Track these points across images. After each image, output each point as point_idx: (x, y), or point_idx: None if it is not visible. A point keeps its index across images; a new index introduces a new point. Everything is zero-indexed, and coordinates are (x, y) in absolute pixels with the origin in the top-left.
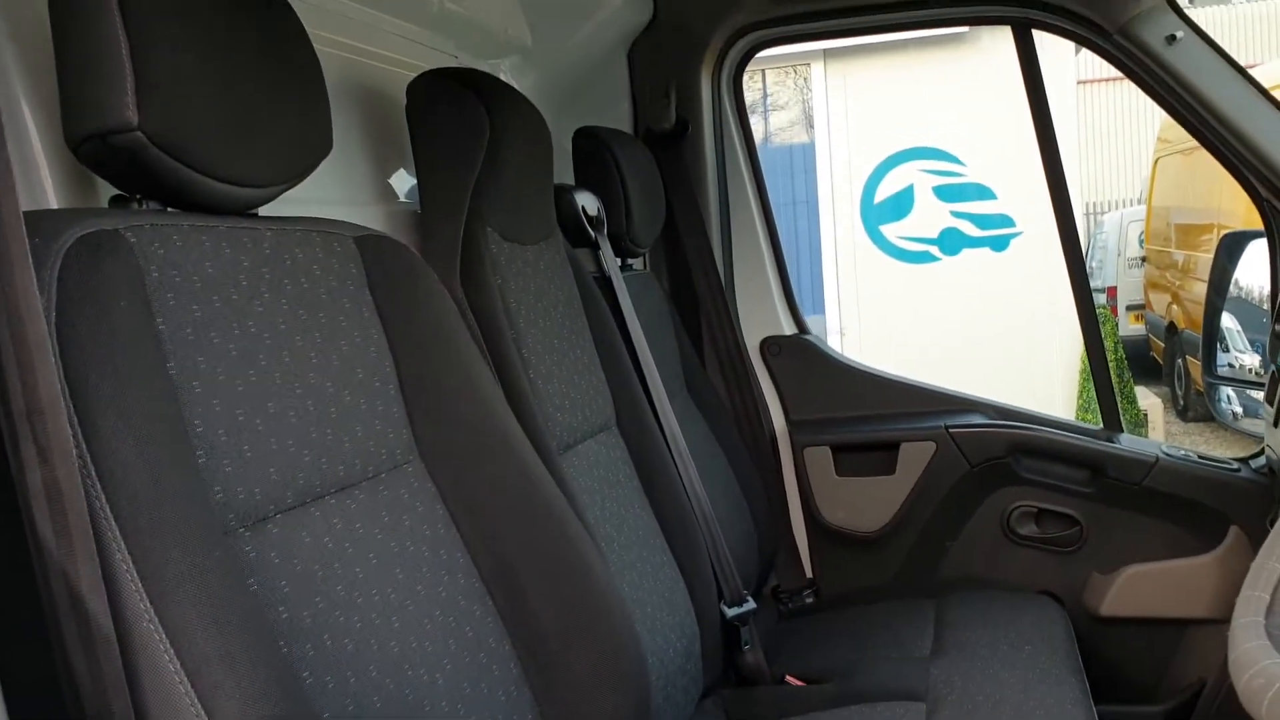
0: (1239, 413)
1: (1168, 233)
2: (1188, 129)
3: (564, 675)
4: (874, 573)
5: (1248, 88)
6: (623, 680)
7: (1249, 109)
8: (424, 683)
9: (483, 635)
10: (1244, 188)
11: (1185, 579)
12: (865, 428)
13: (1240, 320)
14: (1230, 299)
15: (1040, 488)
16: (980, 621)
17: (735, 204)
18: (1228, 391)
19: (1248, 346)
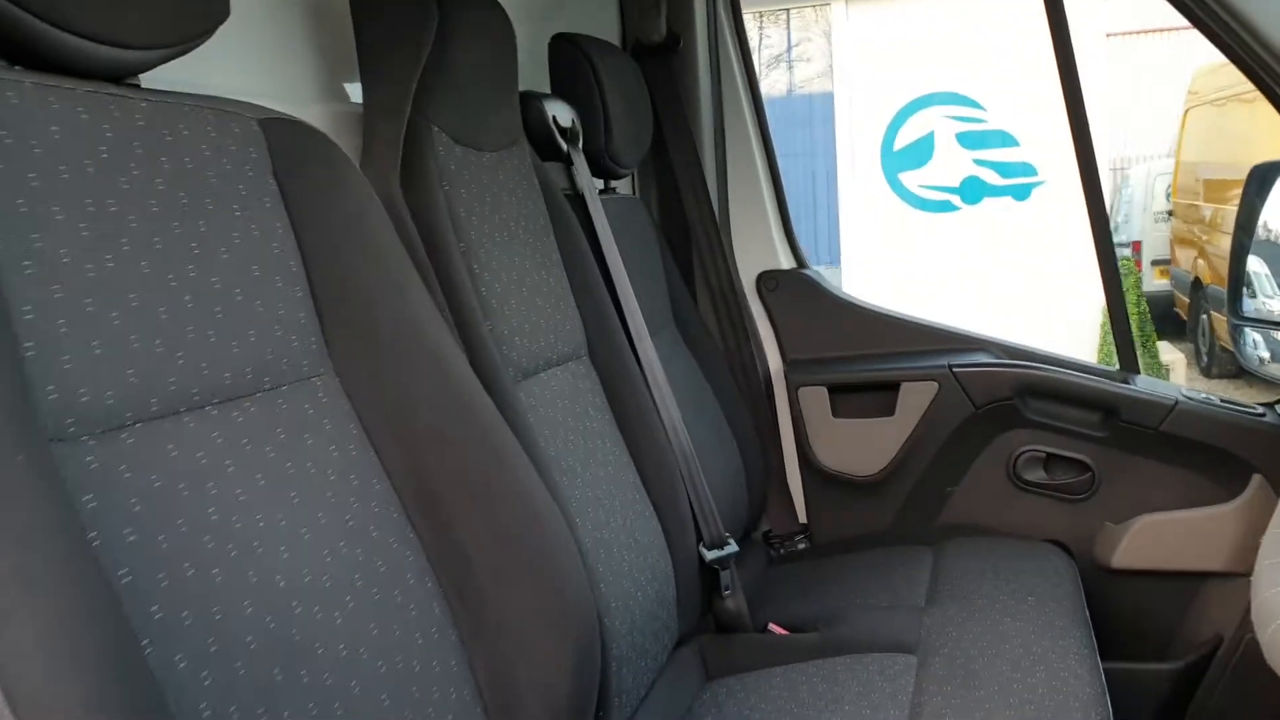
0: (1265, 358)
1: (1196, 187)
2: (1230, 57)
3: (496, 616)
4: (870, 519)
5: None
6: (565, 622)
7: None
8: (317, 621)
9: (399, 570)
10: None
11: (1203, 530)
12: (864, 367)
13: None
14: (1258, 241)
15: (1049, 431)
16: (980, 571)
17: (731, 127)
18: (1254, 336)
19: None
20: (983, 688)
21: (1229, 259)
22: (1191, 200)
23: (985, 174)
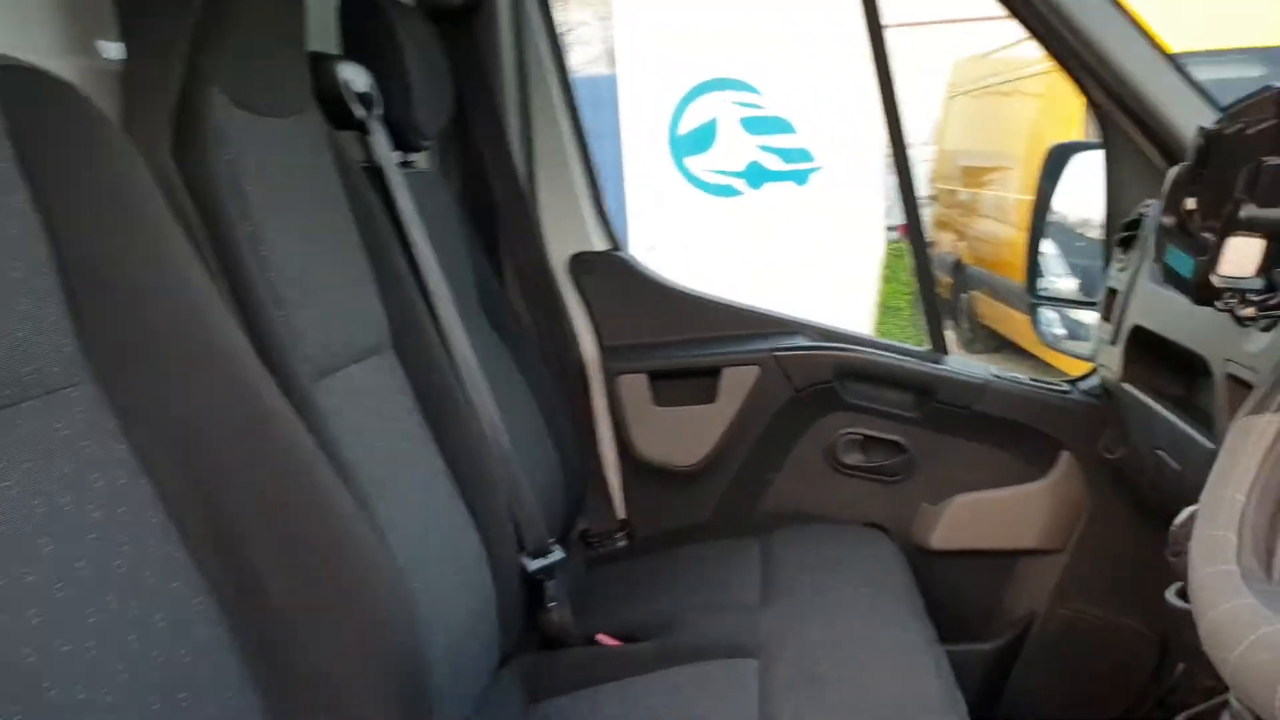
0: (1061, 334)
1: (955, 173)
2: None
3: (307, 665)
4: (692, 510)
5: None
6: (387, 663)
7: (1095, 12)
8: (79, 705)
9: (184, 623)
10: (1083, 93)
11: (1016, 508)
12: (685, 352)
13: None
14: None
15: (867, 414)
16: (811, 562)
17: (537, 99)
18: (1049, 314)
19: (1065, 270)
20: (833, 692)
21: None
22: (951, 186)
23: (768, 159)
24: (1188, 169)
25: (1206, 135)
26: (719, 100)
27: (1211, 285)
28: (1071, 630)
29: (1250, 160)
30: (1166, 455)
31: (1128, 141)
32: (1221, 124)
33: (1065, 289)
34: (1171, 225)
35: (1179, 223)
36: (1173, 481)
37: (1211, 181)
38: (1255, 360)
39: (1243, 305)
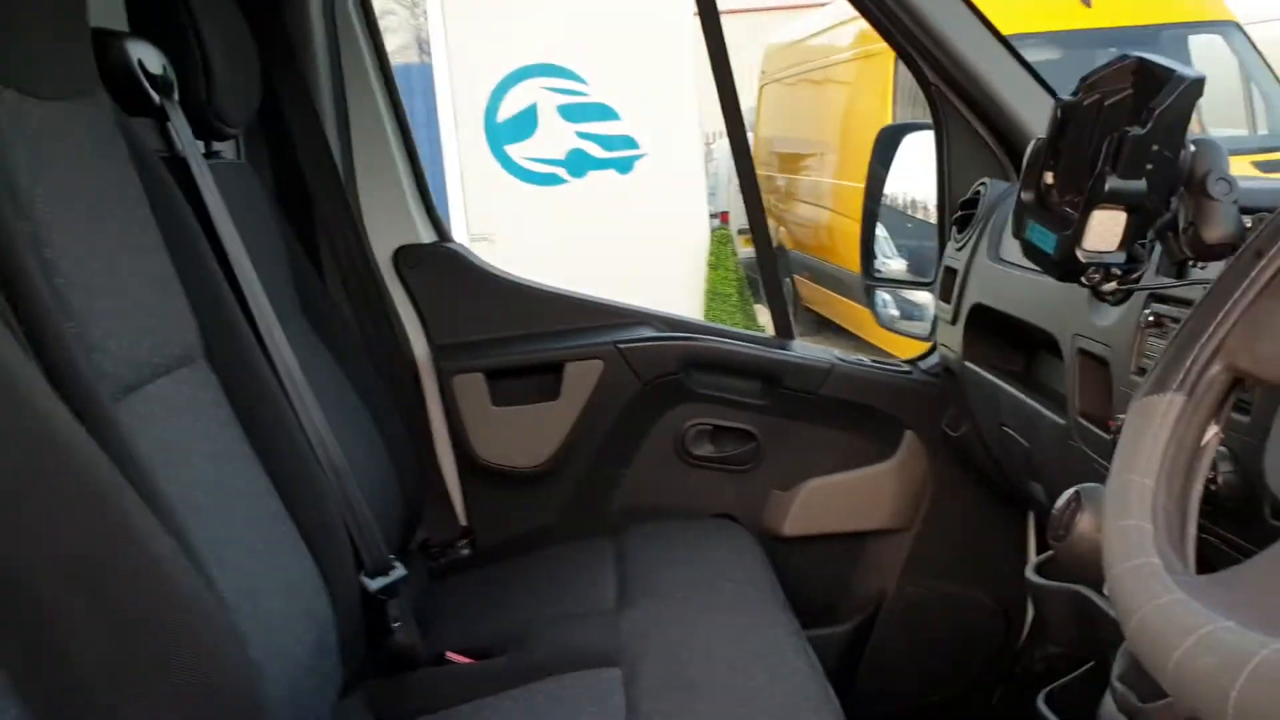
0: (896, 315)
1: (771, 159)
2: (859, 9)
3: None
4: (539, 513)
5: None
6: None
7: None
8: None
9: None
10: (912, 72)
11: (865, 489)
12: (524, 348)
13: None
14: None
15: (715, 403)
16: (667, 559)
17: (353, 85)
18: (884, 295)
19: (895, 253)
20: (705, 696)
21: (861, 225)
22: (768, 172)
23: (589, 147)
24: (1045, 142)
25: (1064, 107)
26: (538, 87)
27: (1076, 260)
28: (920, 607)
29: (1108, 132)
30: (1013, 432)
31: (960, 121)
32: (1078, 96)
33: (896, 270)
34: (1031, 200)
35: (1038, 197)
36: (1020, 457)
37: (1069, 154)
38: (1107, 335)
39: (1105, 280)
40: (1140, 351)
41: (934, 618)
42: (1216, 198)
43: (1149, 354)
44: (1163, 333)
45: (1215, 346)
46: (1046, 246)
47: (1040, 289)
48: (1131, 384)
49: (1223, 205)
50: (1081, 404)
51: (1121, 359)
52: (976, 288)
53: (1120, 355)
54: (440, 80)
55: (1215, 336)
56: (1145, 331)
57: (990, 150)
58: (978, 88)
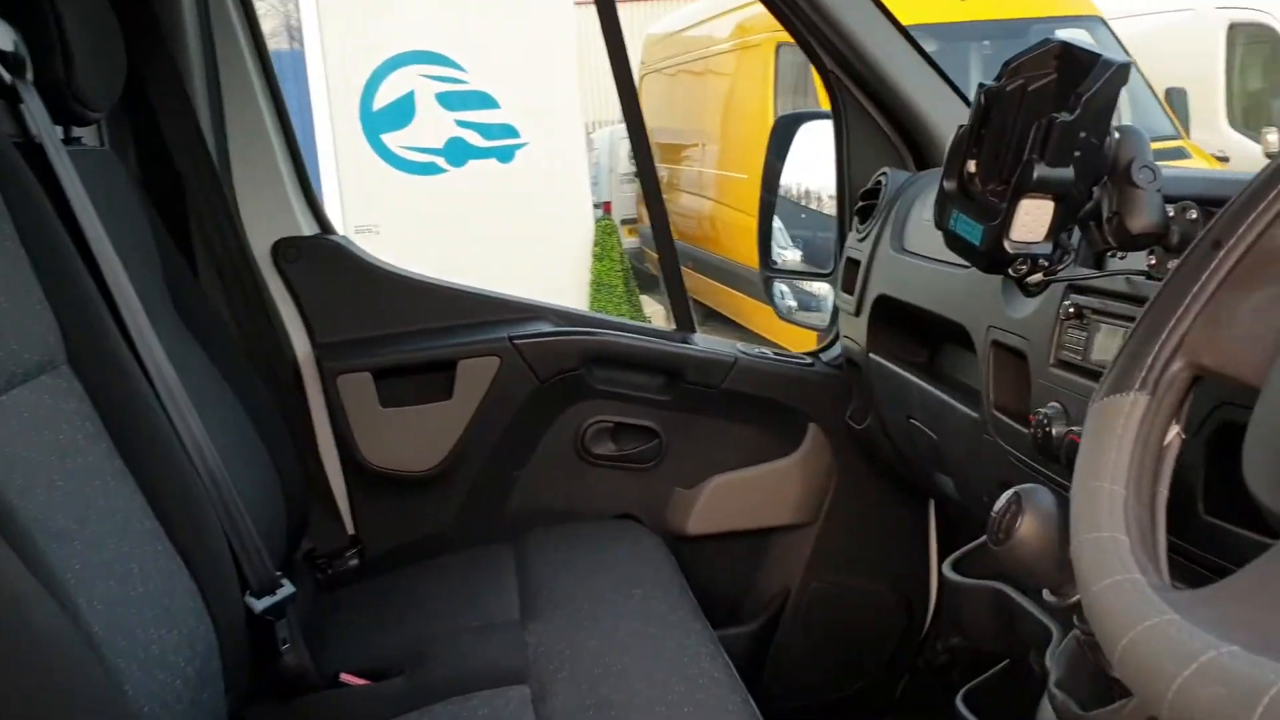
0: (794, 306)
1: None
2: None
3: None
4: (432, 519)
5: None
6: None
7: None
8: None
9: None
10: (810, 60)
11: (770, 485)
12: (413, 345)
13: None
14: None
15: (616, 400)
16: (571, 564)
17: (228, 67)
18: (781, 287)
19: (790, 243)
20: (622, 713)
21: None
22: None
23: (469, 135)
24: (968, 129)
25: (987, 93)
26: (415, 74)
27: (1004, 251)
28: (824, 602)
29: (1033, 118)
30: (921, 424)
31: (858, 110)
32: (1001, 81)
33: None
34: (954, 190)
35: (961, 186)
36: (928, 450)
37: (992, 142)
38: (1024, 327)
39: (1032, 271)
40: (1060, 343)
41: (838, 612)
42: (1141, 186)
43: (1070, 346)
44: (1083, 324)
45: (1176, 343)
46: (972, 237)
47: (948, 280)
48: (1051, 377)
49: (1147, 194)
50: (996, 397)
51: (1040, 351)
52: (880, 279)
53: (1038, 348)
54: (313, 67)
55: (1176, 332)
56: (1065, 323)
57: (888, 139)
58: (876, 76)
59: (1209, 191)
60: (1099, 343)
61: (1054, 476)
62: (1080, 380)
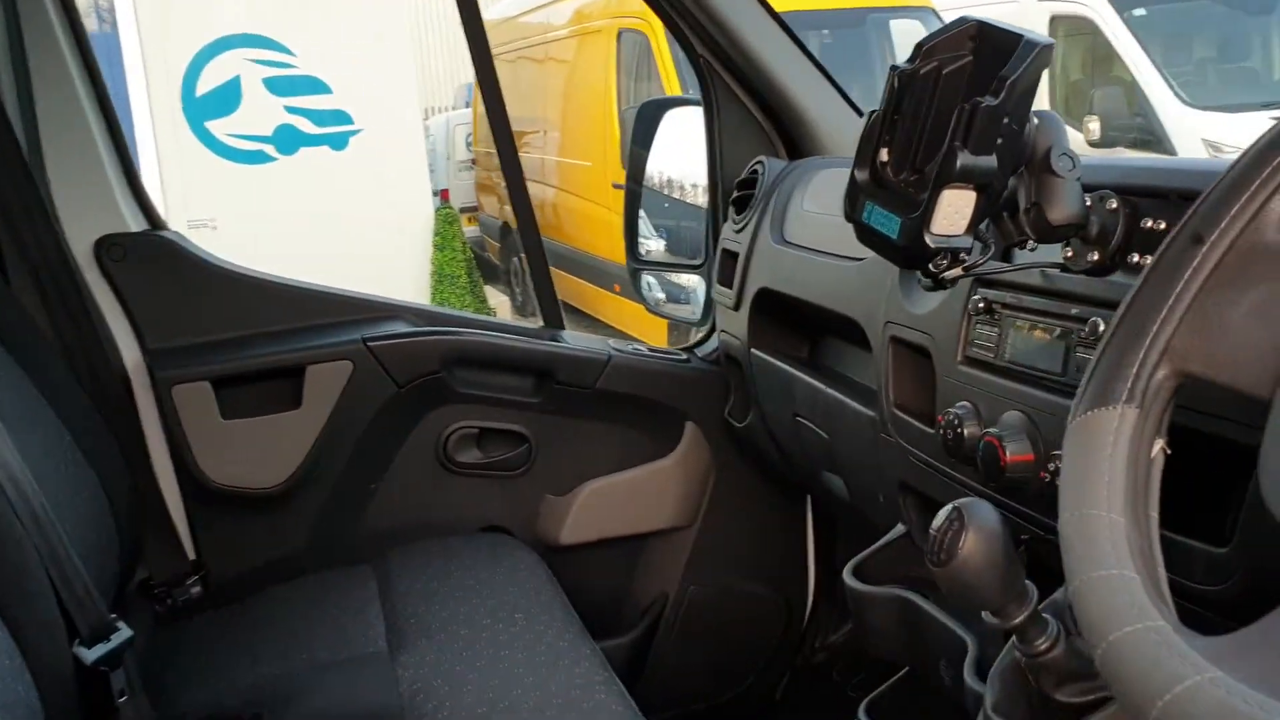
0: (662, 299)
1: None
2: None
3: None
4: (283, 540)
5: None
6: None
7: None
8: None
9: None
10: (680, 44)
11: (647, 488)
12: (257, 350)
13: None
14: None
15: (481, 404)
16: (440, 586)
17: (38, 50)
18: (648, 279)
19: (653, 233)
20: None
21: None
22: (487, 149)
23: (299, 122)
24: (880, 115)
25: (900, 76)
26: (241, 58)
27: (924, 245)
28: (703, 605)
29: (948, 103)
30: (809, 422)
31: (730, 96)
32: (915, 64)
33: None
34: (867, 180)
35: (874, 176)
36: (818, 449)
37: (905, 128)
38: (926, 323)
39: (953, 265)
40: (968, 340)
41: (716, 615)
42: (1061, 175)
43: (979, 343)
44: (994, 320)
45: (1162, 348)
46: (889, 230)
47: (836, 273)
48: (959, 375)
49: (1067, 183)
50: (896, 395)
51: (945, 348)
52: (761, 272)
53: (945, 345)
54: (130, 50)
55: (1160, 336)
56: (974, 319)
57: (760, 127)
58: (749, 62)
59: (1126, 180)
60: (1014, 340)
61: (965, 480)
62: (994, 379)
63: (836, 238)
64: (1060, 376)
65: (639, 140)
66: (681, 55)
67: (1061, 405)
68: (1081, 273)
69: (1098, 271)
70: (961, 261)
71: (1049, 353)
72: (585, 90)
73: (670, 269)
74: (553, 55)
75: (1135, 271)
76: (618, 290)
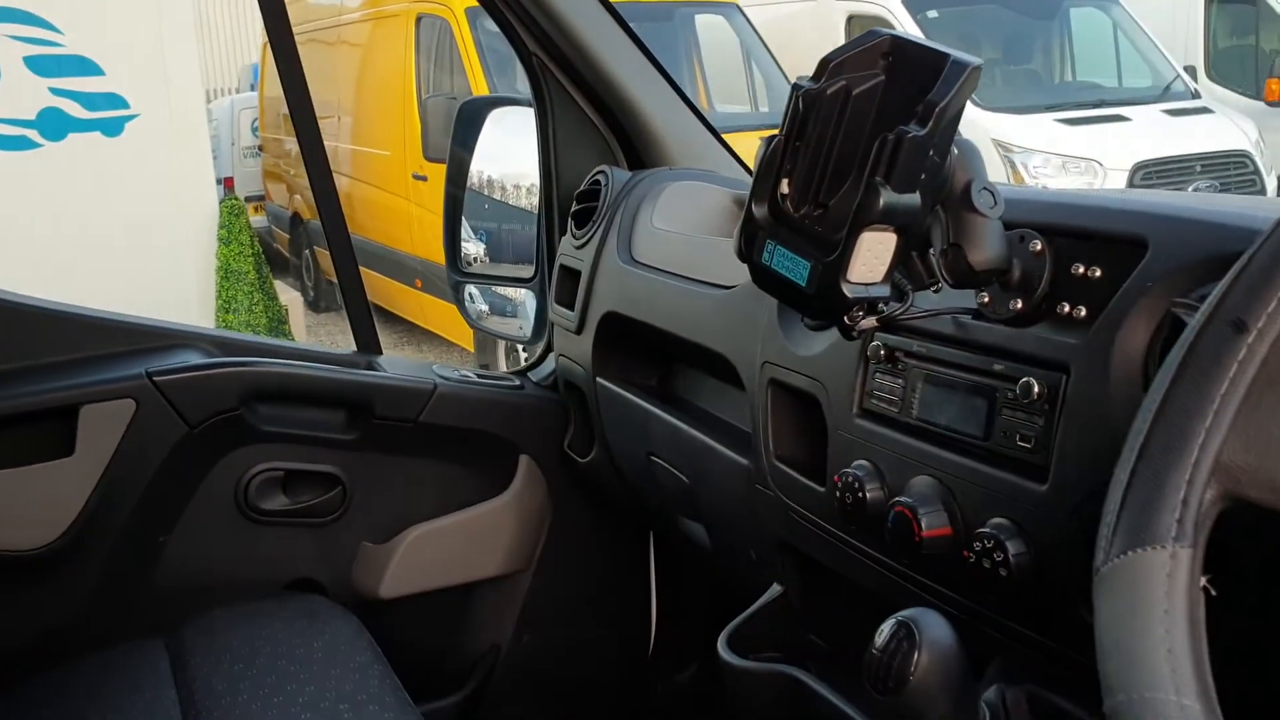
0: (484, 310)
1: (279, 121)
2: None
3: None
4: (55, 611)
5: None
6: None
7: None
8: None
9: None
10: (508, 37)
11: (478, 531)
12: (19, 389)
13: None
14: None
15: (287, 442)
16: (246, 663)
17: None
18: (470, 289)
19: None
20: None
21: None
22: (275, 135)
23: (67, 105)
24: (783, 141)
25: (804, 96)
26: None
27: (840, 295)
28: (537, 655)
29: (861, 127)
30: (667, 464)
31: (565, 98)
32: (820, 82)
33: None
34: (765, 216)
35: (774, 211)
36: (677, 494)
37: (809, 155)
38: (814, 367)
39: (870, 315)
40: (866, 390)
41: (553, 665)
42: (983, 213)
43: (880, 394)
44: (898, 370)
45: (1210, 466)
46: (795, 276)
47: (697, 300)
48: (856, 429)
49: (990, 222)
50: (777, 446)
51: (839, 398)
52: (608, 293)
53: (837, 394)
54: None
55: (1208, 451)
56: (873, 366)
57: (599, 132)
58: (585, 61)
59: (1050, 218)
60: (924, 395)
61: (864, 548)
62: (899, 438)
63: (694, 260)
64: (982, 441)
65: (460, 141)
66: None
67: (984, 474)
68: (1001, 322)
69: (1020, 321)
70: (880, 312)
71: (968, 412)
72: (382, 76)
73: (497, 282)
74: (346, 39)
75: (1065, 324)
76: (419, 286)
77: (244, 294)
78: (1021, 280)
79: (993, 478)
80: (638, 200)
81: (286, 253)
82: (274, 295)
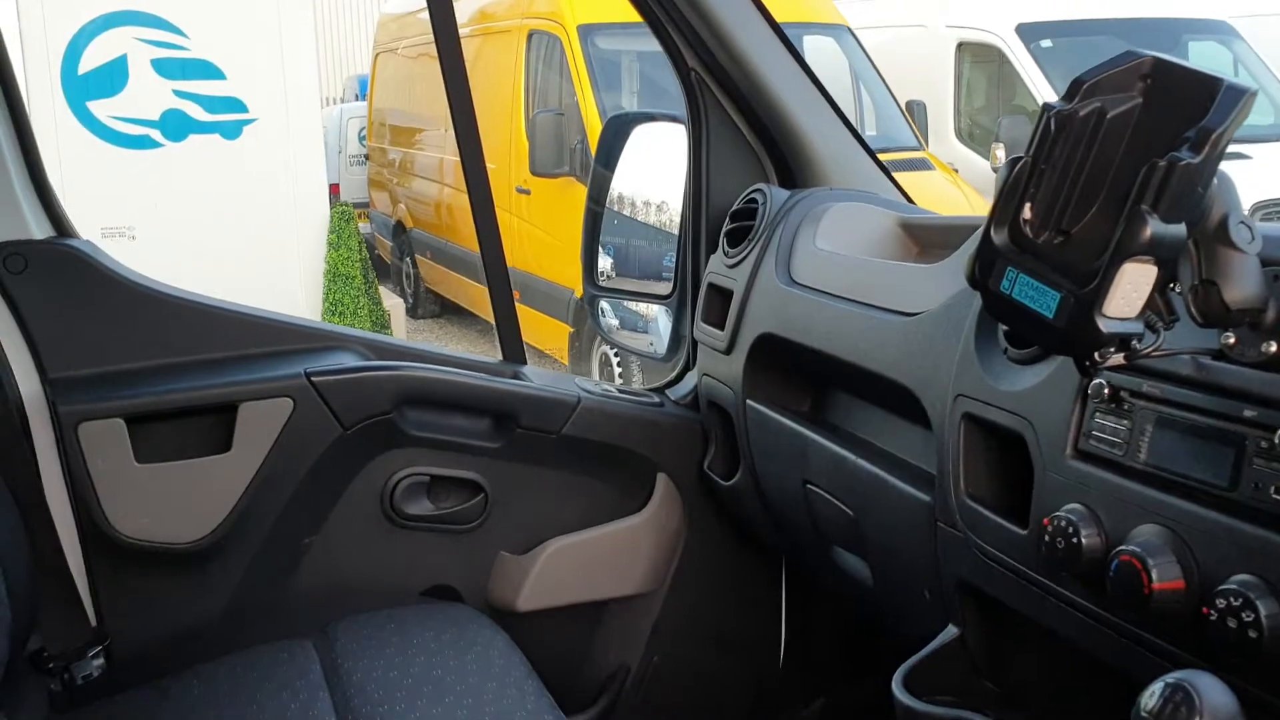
0: (615, 324)
1: (384, 131)
2: None
3: None
4: (204, 607)
5: None
6: None
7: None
8: None
9: None
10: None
11: (615, 548)
12: (181, 383)
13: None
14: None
15: (432, 448)
16: (400, 672)
17: None
18: (604, 304)
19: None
20: None
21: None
22: (381, 144)
23: (189, 107)
24: (1029, 163)
25: (1056, 117)
26: (129, 37)
27: (1095, 330)
28: (665, 678)
29: (1113, 151)
30: (826, 493)
31: (722, 116)
32: (1073, 103)
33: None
34: (1007, 243)
35: (1015, 238)
36: (839, 526)
37: (1054, 179)
38: (1021, 403)
39: (1121, 353)
40: (1083, 430)
41: (682, 691)
42: (1241, 248)
43: (1102, 436)
44: (1123, 411)
45: None
46: (1042, 308)
47: (868, 324)
48: (1069, 471)
49: (1248, 258)
50: (970, 484)
51: (1050, 438)
52: (763, 315)
53: (1049, 433)
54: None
55: None
56: (1094, 405)
57: (753, 151)
58: (747, 79)
59: None
60: (1156, 440)
61: (1073, 598)
62: (1123, 483)
63: (865, 284)
64: (1227, 491)
65: (602, 158)
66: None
67: (1227, 526)
68: (1250, 365)
69: (1273, 366)
70: (1132, 350)
71: (1211, 460)
72: (491, 90)
73: (633, 297)
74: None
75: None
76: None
77: (350, 298)
78: (1276, 322)
79: (1238, 531)
80: (797, 220)
81: (387, 259)
82: (379, 300)
